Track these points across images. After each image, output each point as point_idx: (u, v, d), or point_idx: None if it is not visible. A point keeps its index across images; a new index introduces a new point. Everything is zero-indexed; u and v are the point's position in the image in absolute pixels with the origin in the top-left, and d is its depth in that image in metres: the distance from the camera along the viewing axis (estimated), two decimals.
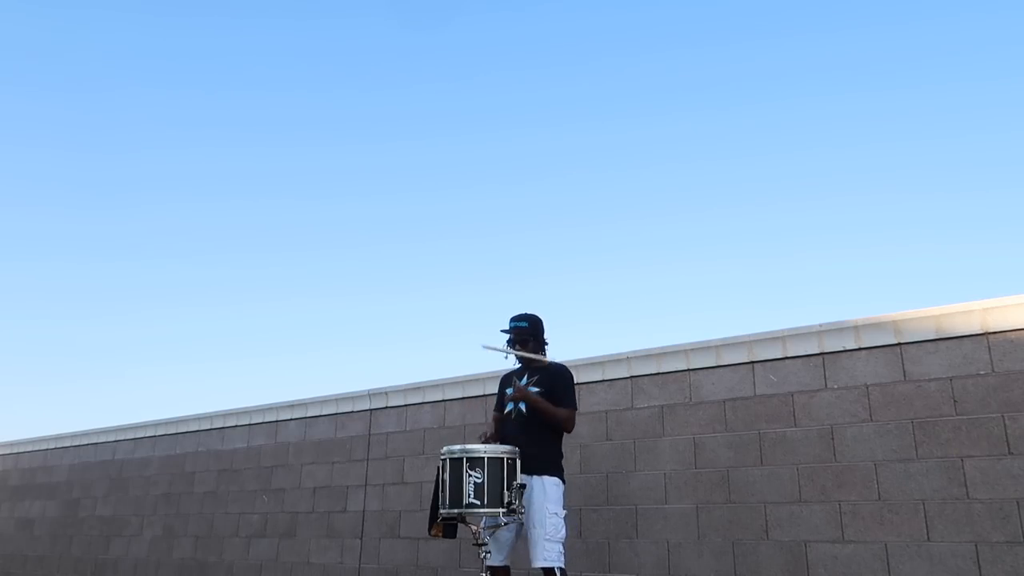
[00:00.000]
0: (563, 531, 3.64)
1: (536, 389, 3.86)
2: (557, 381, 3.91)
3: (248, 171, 17.55)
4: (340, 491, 6.20)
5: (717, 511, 4.26)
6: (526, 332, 4.01)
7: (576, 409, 3.91)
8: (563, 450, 3.90)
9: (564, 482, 3.80)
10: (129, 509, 7.94)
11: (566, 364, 4.10)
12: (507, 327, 4.06)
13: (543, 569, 3.56)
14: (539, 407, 3.77)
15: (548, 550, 3.55)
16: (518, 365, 4.09)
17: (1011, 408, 3.57)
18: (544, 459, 3.74)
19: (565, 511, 3.73)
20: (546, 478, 3.70)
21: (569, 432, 3.89)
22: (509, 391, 3.99)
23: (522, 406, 3.86)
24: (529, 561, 3.63)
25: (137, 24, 17.17)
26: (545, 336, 4.09)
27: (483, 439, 3.80)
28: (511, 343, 4.05)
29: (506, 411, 3.97)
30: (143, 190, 18.08)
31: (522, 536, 3.74)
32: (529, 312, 4.08)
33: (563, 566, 3.58)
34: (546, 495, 3.65)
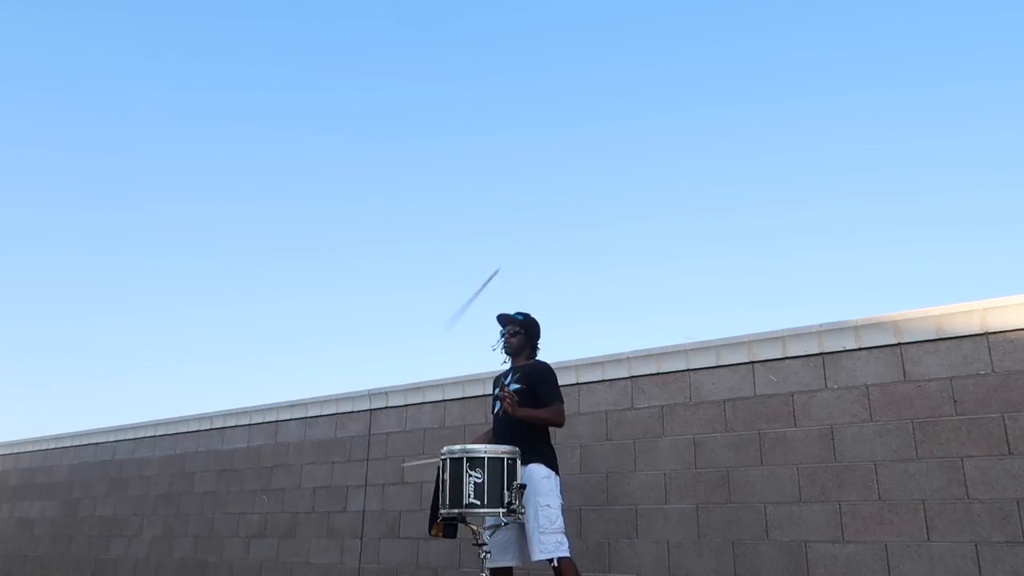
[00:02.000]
0: (559, 521, 3.62)
1: (517, 386, 3.85)
2: (537, 378, 3.90)
3: (248, 171, 17.55)
4: (340, 491, 6.20)
5: (717, 511, 4.26)
6: (519, 324, 4.04)
7: (562, 402, 3.88)
8: (558, 447, 3.91)
9: (557, 473, 3.79)
10: (129, 509, 7.94)
11: (565, 364, 4.11)
12: (501, 324, 4.10)
13: (547, 561, 3.56)
14: (528, 417, 3.74)
15: (544, 542, 3.54)
16: (508, 365, 4.10)
17: (1011, 408, 3.57)
18: (528, 450, 3.71)
19: (561, 500, 3.71)
20: (532, 467, 3.68)
21: (561, 426, 3.90)
22: (496, 391, 4.01)
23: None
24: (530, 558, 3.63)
25: (137, 24, 17.17)
26: (539, 342, 4.12)
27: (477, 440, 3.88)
28: (503, 335, 4.09)
29: (495, 411, 3.98)
30: (143, 190, 18.09)
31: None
32: (528, 312, 4.10)
33: (566, 555, 3.57)
34: (535, 488, 3.62)
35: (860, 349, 4.04)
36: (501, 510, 3.42)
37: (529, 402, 3.80)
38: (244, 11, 17.08)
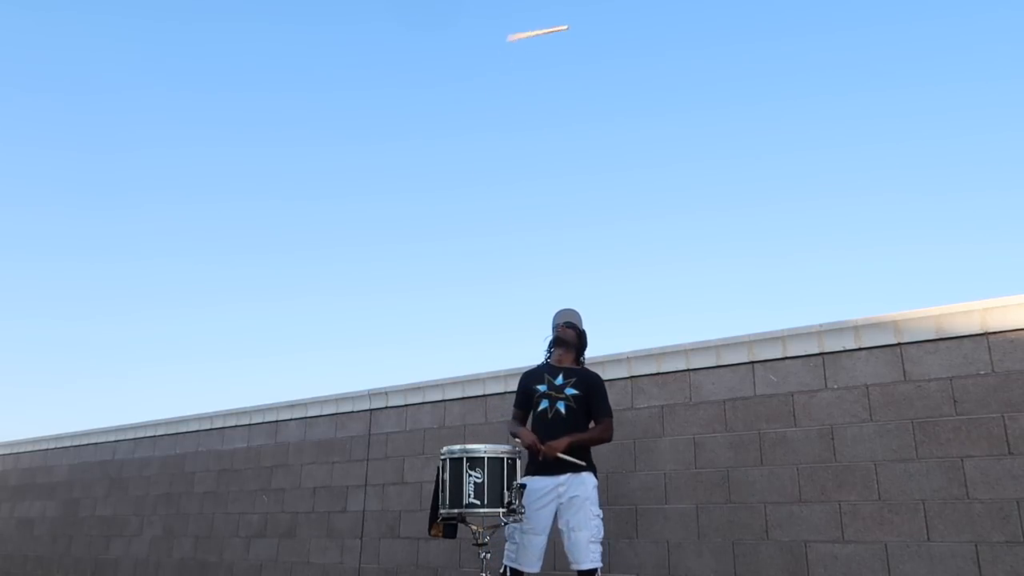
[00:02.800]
0: (603, 531, 3.67)
1: (573, 391, 3.83)
2: (593, 389, 3.88)
3: (248, 171, 17.56)
4: (340, 491, 6.20)
5: (717, 511, 4.26)
6: (573, 336, 4.00)
7: (612, 416, 3.93)
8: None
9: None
10: (129, 509, 7.94)
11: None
12: (565, 317, 4.05)
13: (584, 571, 3.56)
14: (585, 442, 3.76)
15: (594, 552, 3.57)
16: (546, 360, 4.04)
17: (1011, 408, 3.57)
18: (582, 457, 3.73)
19: (601, 511, 3.74)
20: (584, 475, 3.70)
21: (610, 440, 3.95)
22: (542, 388, 3.88)
23: (560, 406, 3.80)
24: (570, 563, 3.63)
25: (137, 24, 17.17)
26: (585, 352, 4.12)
27: (520, 444, 3.74)
28: (559, 326, 4.01)
29: (540, 409, 3.85)
30: (143, 190, 18.10)
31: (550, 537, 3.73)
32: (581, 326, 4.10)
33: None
34: (588, 496, 3.65)
35: (860, 349, 4.04)
36: (501, 510, 3.42)
37: (582, 410, 3.82)
38: (244, 11, 17.08)
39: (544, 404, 3.84)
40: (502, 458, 3.49)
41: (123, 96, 17.35)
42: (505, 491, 3.44)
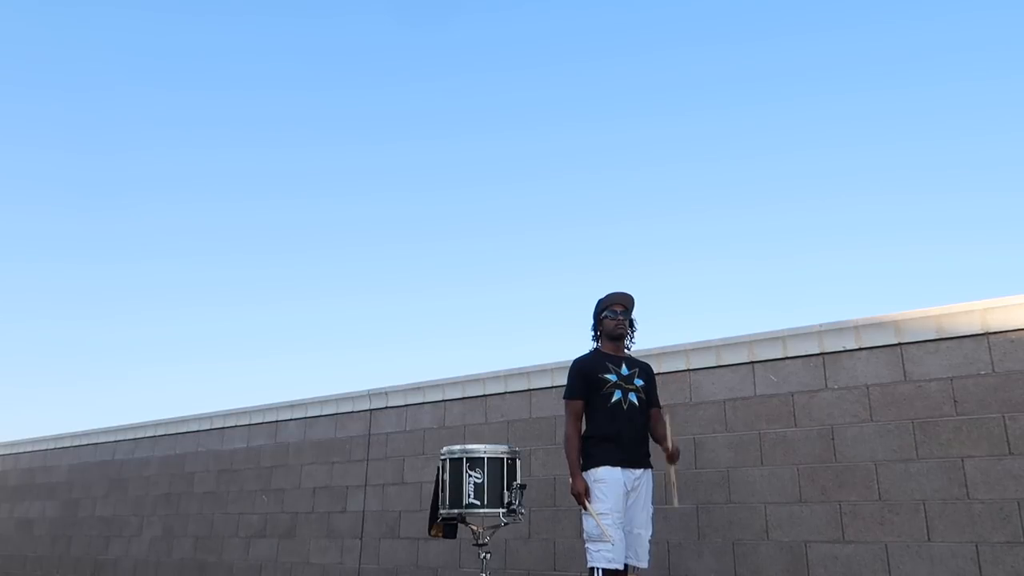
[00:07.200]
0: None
1: (641, 382, 3.68)
2: (652, 380, 3.78)
3: (248, 171, 17.56)
4: (340, 491, 6.20)
5: (717, 511, 4.26)
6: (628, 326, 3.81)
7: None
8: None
9: None
10: (129, 509, 7.94)
11: (565, 364, 4.07)
12: (622, 300, 3.78)
13: (625, 567, 3.41)
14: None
15: (649, 552, 3.49)
16: (598, 348, 3.80)
17: (1011, 408, 3.57)
18: (648, 454, 3.65)
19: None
20: (650, 472, 3.63)
21: None
22: (612, 377, 3.63)
23: (632, 397, 3.60)
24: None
25: (136, 24, 17.17)
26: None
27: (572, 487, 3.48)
28: (620, 314, 3.75)
29: (614, 400, 3.59)
30: (143, 190, 18.10)
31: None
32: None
33: None
34: (651, 497, 3.59)
35: (860, 349, 4.04)
36: (501, 510, 3.42)
37: (646, 401, 3.68)
38: (242, 11, 17.08)
39: (618, 395, 3.58)
40: (502, 458, 3.49)
41: (122, 96, 17.35)
42: (505, 491, 3.44)
